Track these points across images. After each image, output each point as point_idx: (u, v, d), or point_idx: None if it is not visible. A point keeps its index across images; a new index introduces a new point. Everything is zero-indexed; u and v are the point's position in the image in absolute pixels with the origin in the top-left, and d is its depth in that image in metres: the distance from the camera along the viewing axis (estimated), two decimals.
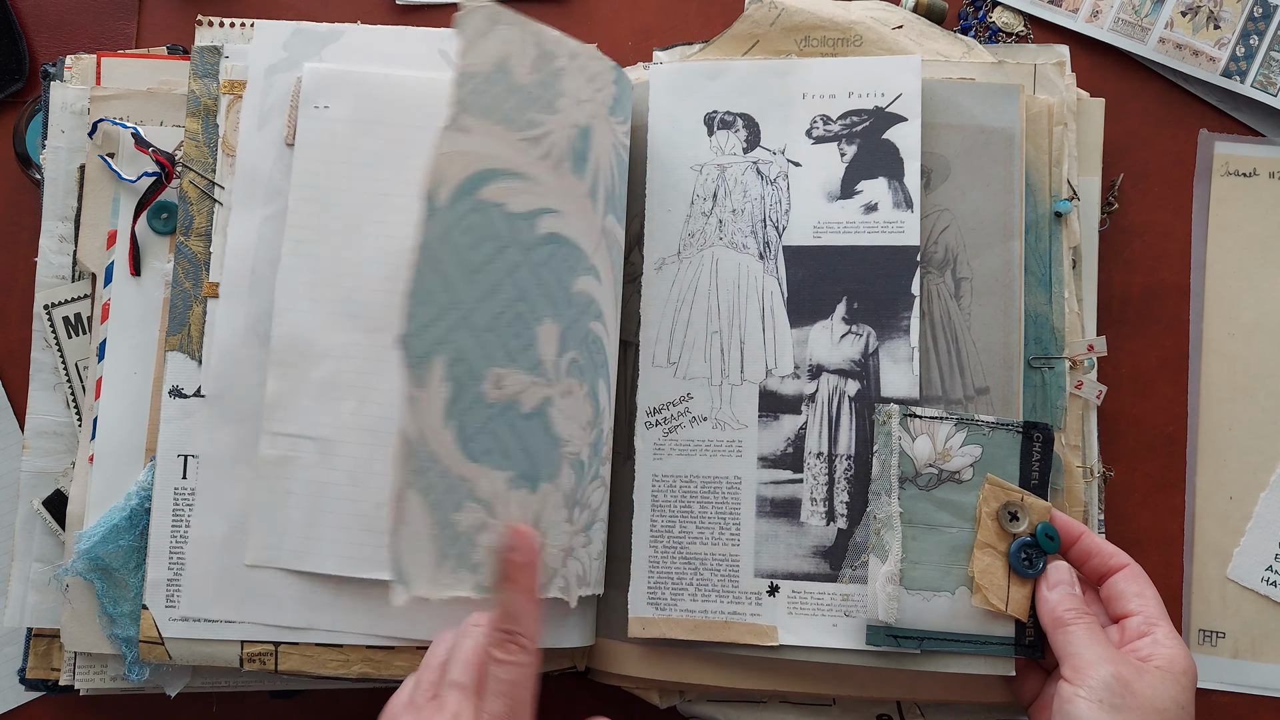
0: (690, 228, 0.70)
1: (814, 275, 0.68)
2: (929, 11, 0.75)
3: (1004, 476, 0.65)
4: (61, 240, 0.71)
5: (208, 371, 0.67)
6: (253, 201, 0.68)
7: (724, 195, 0.70)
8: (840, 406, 0.67)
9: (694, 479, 0.68)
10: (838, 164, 0.69)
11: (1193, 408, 0.75)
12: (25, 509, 0.70)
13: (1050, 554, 0.64)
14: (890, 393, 0.67)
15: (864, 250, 0.68)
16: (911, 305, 0.67)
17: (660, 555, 0.67)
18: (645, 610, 0.67)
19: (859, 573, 0.65)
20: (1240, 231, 0.76)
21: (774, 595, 0.66)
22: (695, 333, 0.69)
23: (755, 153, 0.70)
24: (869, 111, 0.70)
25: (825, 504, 0.66)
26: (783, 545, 0.66)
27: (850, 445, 0.67)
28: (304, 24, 0.69)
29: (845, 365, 0.67)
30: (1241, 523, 0.74)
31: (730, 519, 0.67)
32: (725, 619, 0.66)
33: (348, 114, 0.68)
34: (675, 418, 0.69)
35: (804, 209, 0.69)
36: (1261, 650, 0.73)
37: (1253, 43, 0.76)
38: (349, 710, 0.72)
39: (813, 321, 0.68)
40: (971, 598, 0.64)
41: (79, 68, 0.72)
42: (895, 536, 0.64)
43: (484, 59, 0.60)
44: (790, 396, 0.68)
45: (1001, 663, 0.64)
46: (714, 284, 0.69)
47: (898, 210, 0.68)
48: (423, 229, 0.57)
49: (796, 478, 0.67)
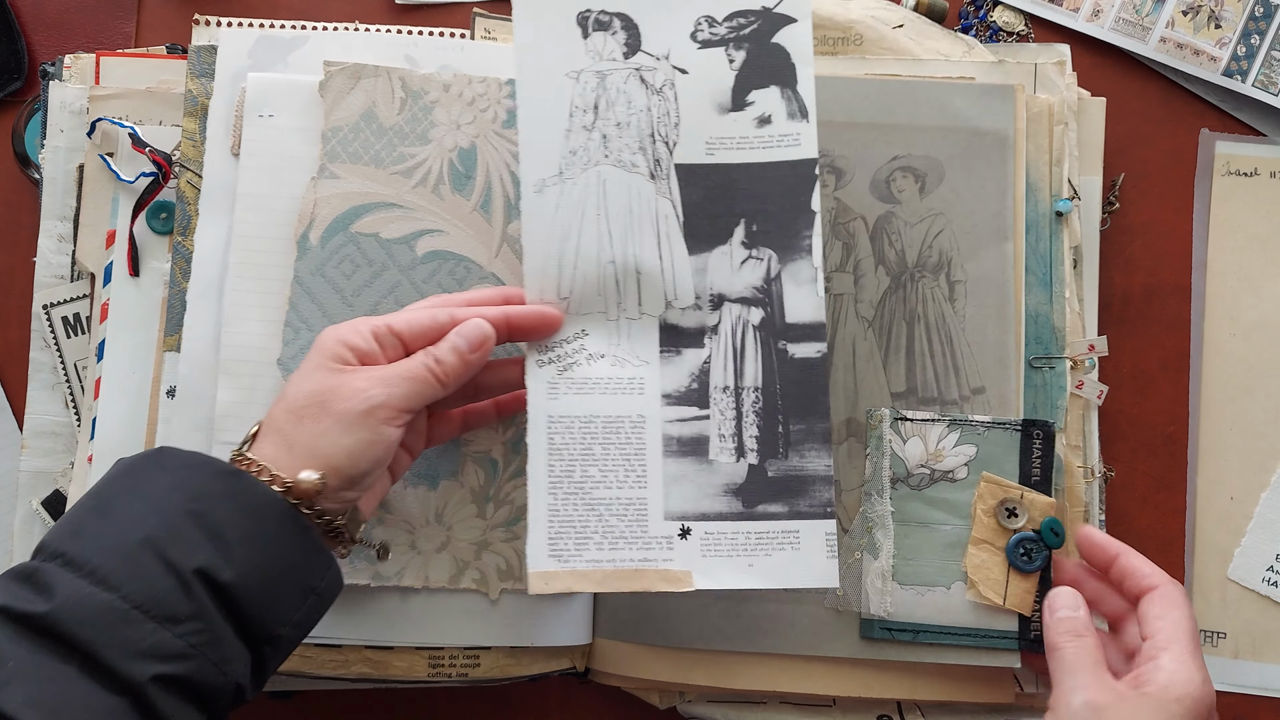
0: (571, 144, 0.63)
1: (709, 196, 0.64)
2: (930, 10, 0.75)
3: (1002, 474, 0.66)
4: (60, 240, 0.71)
5: (180, 376, 0.67)
6: (220, 210, 0.68)
7: (606, 106, 0.63)
8: (745, 337, 0.64)
9: (594, 419, 0.62)
10: (726, 72, 0.64)
11: (1194, 407, 0.75)
12: (24, 509, 0.70)
13: (1054, 549, 0.64)
14: (795, 318, 0.63)
15: (760, 167, 0.63)
16: (812, 223, 0.63)
17: (560, 503, 0.62)
18: (547, 564, 0.61)
19: (774, 510, 0.62)
20: (1241, 231, 0.76)
21: (686, 538, 0.62)
22: (586, 263, 0.63)
23: (637, 58, 0.64)
24: (756, 12, 0.64)
25: (734, 439, 0.63)
26: (692, 485, 0.62)
27: (757, 376, 0.63)
28: (270, 31, 0.69)
29: (748, 293, 0.64)
30: (1242, 523, 0.74)
31: (635, 460, 0.62)
32: (635, 567, 0.61)
33: (293, 123, 0.67)
34: (569, 355, 0.63)
35: (694, 122, 0.64)
36: (1262, 650, 0.73)
37: (1254, 42, 0.76)
38: (348, 710, 0.72)
39: (711, 247, 0.64)
40: (966, 592, 0.64)
41: (78, 67, 0.72)
42: (888, 535, 0.65)
43: (349, 113, 0.68)
44: (692, 329, 0.64)
45: (1004, 656, 0.65)
46: (603, 208, 0.63)
47: (792, 121, 0.63)
48: (295, 266, 0.66)
49: (703, 414, 0.63)
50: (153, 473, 0.52)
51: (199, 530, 0.50)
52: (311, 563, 0.54)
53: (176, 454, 0.54)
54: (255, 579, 0.51)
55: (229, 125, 0.68)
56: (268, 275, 0.66)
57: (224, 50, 0.69)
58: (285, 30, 0.70)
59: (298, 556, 0.53)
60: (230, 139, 0.68)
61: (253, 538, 0.51)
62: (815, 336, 0.63)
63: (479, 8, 0.73)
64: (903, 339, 0.69)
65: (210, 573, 0.49)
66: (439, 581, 0.66)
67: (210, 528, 0.50)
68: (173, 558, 0.49)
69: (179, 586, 0.48)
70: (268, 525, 0.52)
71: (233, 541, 0.50)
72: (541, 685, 0.72)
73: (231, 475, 0.52)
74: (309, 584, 0.53)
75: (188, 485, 0.51)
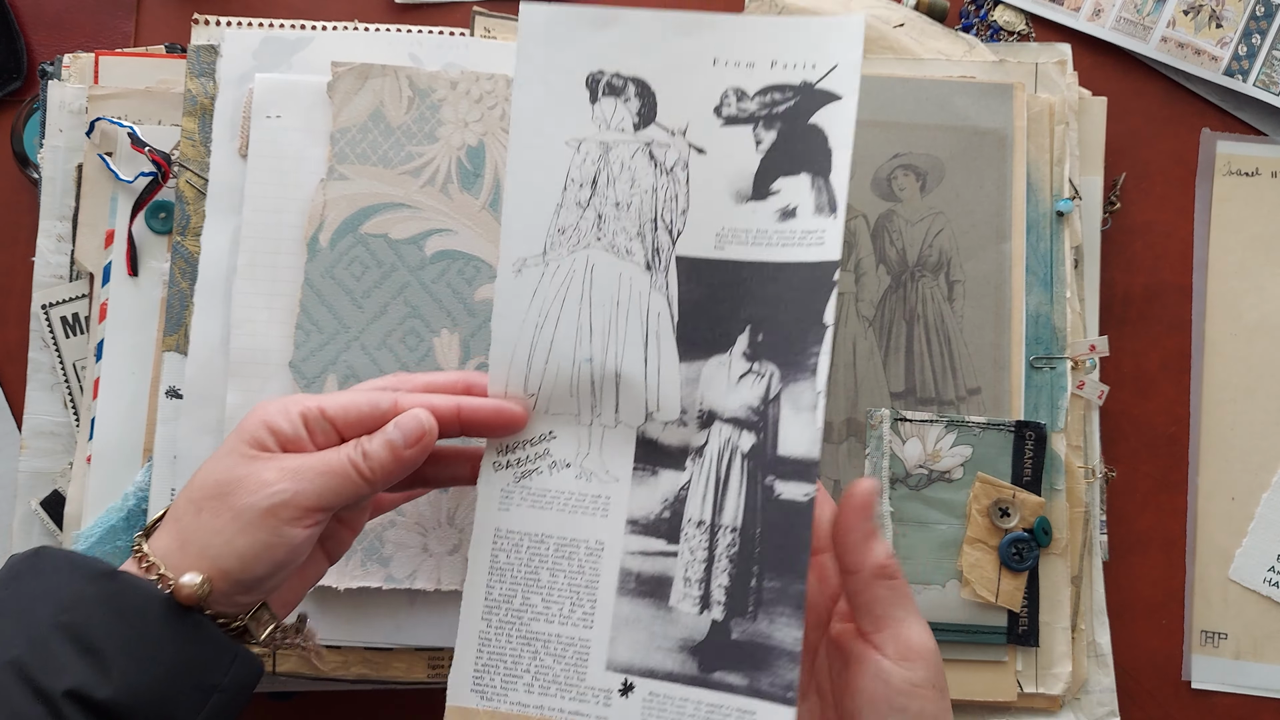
0: (561, 221, 0.56)
1: (712, 296, 0.55)
2: (930, 10, 0.75)
3: (996, 475, 0.67)
4: (59, 240, 0.71)
5: (186, 379, 0.67)
6: (226, 210, 0.68)
7: (606, 183, 0.56)
8: (731, 465, 0.54)
9: (546, 539, 0.55)
10: (751, 154, 0.55)
11: (1195, 408, 0.75)
12: (23, 509, 0.70)
13: (1044, 548, 0.66)
14: (788, 451, 0.53)
15: (775, 268, 0.54)
16: (822, 338, 0.52)
17: (494, 631, 0.55)
18: (468, 699, 0.54)
19: (732, 681, 0.52)
20: (1242, 231, 0.76)
21: (627, 696, 0.53)
22: (560, 358, 0.55)
23: (649, 130, 0.56)
24: (795, 87, 0.55)
25: (701, 586, 0.53)
26: (645, 633, 0.54)
27: (738, 516, 0.53)
28: (275, 31, 0.69)
29: (742, 414, 0.54)
30: (1244, 523, 0.74)
31: (585, 594, 0.55)
32: (564, 719, 0.54)
33: (300, 123, 0.67)
34: (531, 460, 0.56)
35: (705, 210, 0.55)
36: (1263, 651, 0.73)
37: (1255, 42, 0.76)
38: (347, 711, 0.72)
39: (707, 355, 0.55)
40: (960, 590, 0.66)
41: (77, 67, 0.71)
42: (886, 535, 0.66)
43: (357, 113, 0.67)
44: (674, 448, 0.55)
45: (994, 650, 0.66)
46: (586, 296, 0.56)
47: (819, 216, 0.53)
48: (305, 269, 0.65)
49: (670, 549, 0.54)
50: (26, 581, 0.48)
51: (70, 645, 0.45)
52: (208, 660, 0.48)
53: (53, 555, 0.49)
54: (140, 690, 0.46)
55: (234, 126, 0.68)
56: (276, 277, 0.66)
57: (229, 50, 0.68)
58: (290, 30, 0.70)
59: (190, 656, 0.48)
60: (237, 140, 0.68)
61: (132, 645, 0.46)
62: (806, 476, 0.52)
63: (479, 6, 0.73)
64: (902, 338, 0.69)
65: (83, 693, 0.44)
66: (451, 584, 0.65)
67: (83, 640, 0.45)
68: (41, 682, 0.44)
69: (48, 715, 0.44)
70: (150, 628, 0.47)
71: (109, 653, 0.46)
72: None
73: (107, 577, 0.47)
74: (208, 682, 0.48)
75: (59, 594, 0.47)
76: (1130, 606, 0.73)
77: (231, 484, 0.49)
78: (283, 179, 0.67)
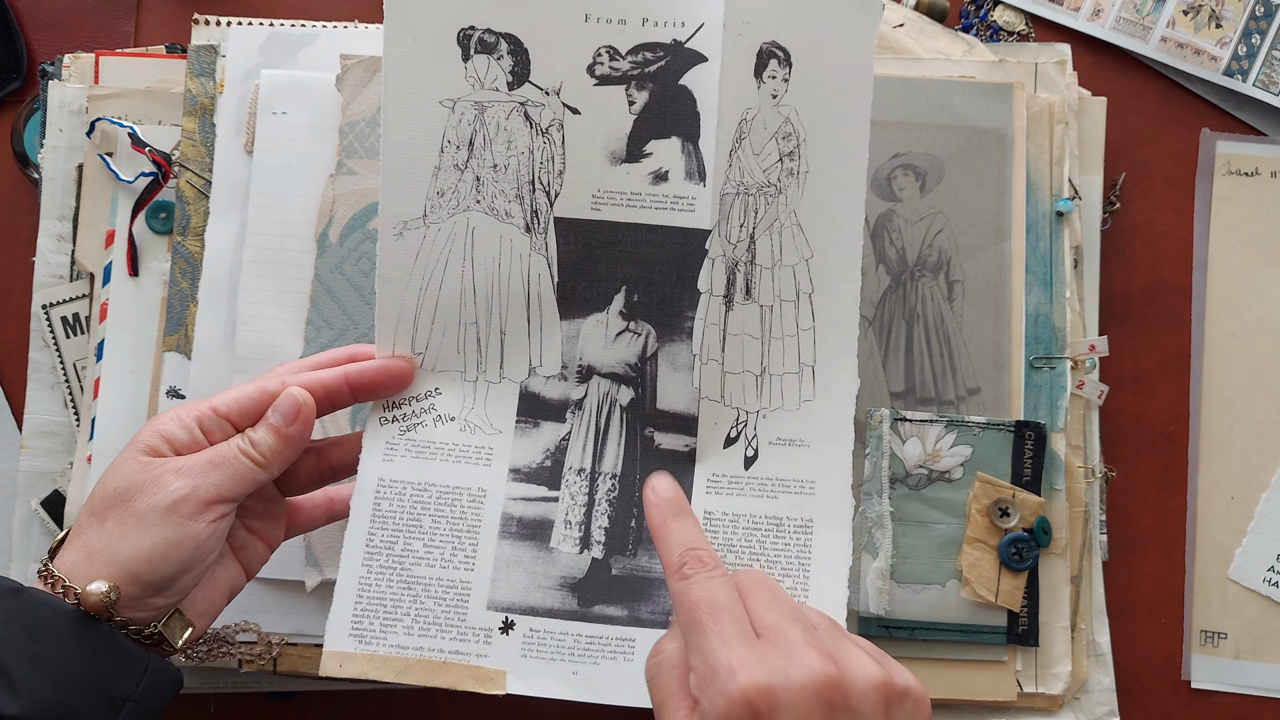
0: (440, 183, 0.57)
1: (590, 257, 0.57)
2: (930, 10, 0.75)
3: (996, 475, 0.67)
4: (59, 240, 0.71)
5: (190, 375, 0.67)
6: (230, 207, 0.68)
7: (483, 144, 0.57)
8: (610, 417, 0.58)
9: (429, 488, 0.57)
10: (625, 115, 0.56)
11: (1194, 407, 0.75)
12: (23, 509, 0.70)
13: (1043, 548, 0.66)
14: (667, 405, 0.57)
15: (650, 230, 0.56)
16: (696, 303, 0.56)
17: (374, 576, 0.56)
18: (345, 643, 0.55)
19: (612, 613, 0.55)
20: (1242, 231, 0.76)
21: (507, 633, 0.55)
22: (446, 317, 0.58)
23: (523, 89, 0.56)
24: (666, 46, 0.55)
25: (581, 528, 0.56)
26: (525, 573, 0.56)
27: (617, 463, 0.57)
28: (279, 29, 0.69)
29: (619, 369, 0.58)
30: (1243, 523, 0.74)
31: (467, 538, 0.56)
32: (444, 659, 0.55)
33: (306, 119, 0.67)
34: (416, 415, 0.58)
35: (582, 170, 0.57)
36: (1263, 651, 0.73)
37: (1254, 42, 0.76)
38: (347, 711, 0.72)
39: (586, 314, 0.58)
40: (960, 590, 0.66)
41: (77, 67, 0.72)
42: (886, 535, 0.66)
43: (366, 107, 0.66)
44: (555, 401, 0.58)
45: (994, 650, 0.66)
46: (468, 258, 0.57)
47: (689, 182, 0.55)
48: (315, 265, 0.64)
49: (551, 495, 0.57)
50: None
51: None
52: (119, 671, 0.49)
53: None
54: (49, 705, 0.46)
55: (239, 123, 0.68)
56: (282, 273, 0.67)
57: (233, 48, 0.69)
58: (294, 28, 0.70)
59: (99, 668, 0.48)
60: (243, 136, 0.68)
61: (39, 660, 0.47)
62: (686, 429, 0.57)
63: None
64: (902, 338, 0.69)
65: None
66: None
67: None
68: None
69: None
70: (57, 643, 0.47)
71: (16, 669, 0.46)
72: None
73: (12, 594, 0.48)
74: (119, 694, 0.48)
75: None
76: (1130, 606, 0.73)
77: (131, 490, 0.50)
78: (289, 174, 0.67)
